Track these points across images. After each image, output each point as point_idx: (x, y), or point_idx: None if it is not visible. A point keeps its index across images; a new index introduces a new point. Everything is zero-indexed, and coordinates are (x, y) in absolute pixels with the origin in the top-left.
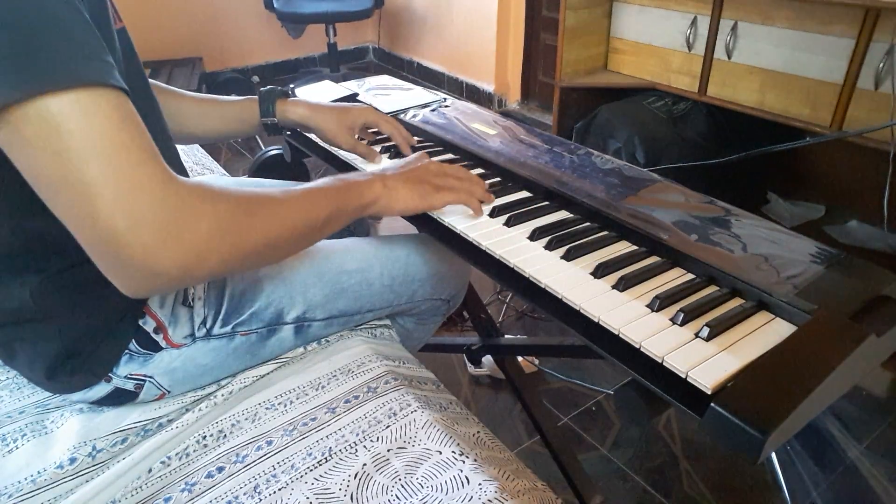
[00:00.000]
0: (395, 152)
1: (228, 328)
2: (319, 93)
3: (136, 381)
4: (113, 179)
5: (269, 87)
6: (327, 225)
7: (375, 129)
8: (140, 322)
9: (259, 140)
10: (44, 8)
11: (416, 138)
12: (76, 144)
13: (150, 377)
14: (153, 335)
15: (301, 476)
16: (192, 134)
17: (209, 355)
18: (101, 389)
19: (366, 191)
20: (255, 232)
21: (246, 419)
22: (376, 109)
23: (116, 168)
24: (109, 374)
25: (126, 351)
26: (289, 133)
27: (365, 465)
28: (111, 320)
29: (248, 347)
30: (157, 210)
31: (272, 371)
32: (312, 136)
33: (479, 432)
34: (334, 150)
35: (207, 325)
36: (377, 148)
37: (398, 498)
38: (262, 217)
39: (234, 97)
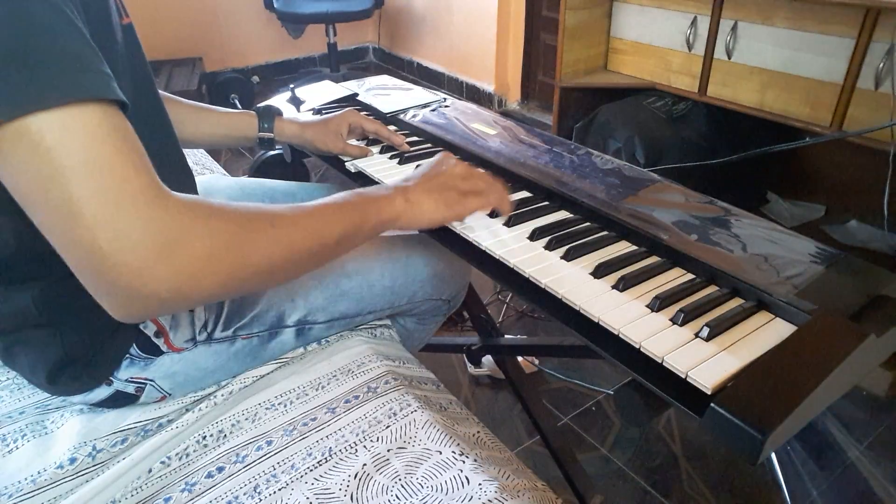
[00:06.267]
0: (388, 147)
1: (230, 332)
2: (319, 93)
3: (136, 385)
4: (95, 198)
5: (265, 104)
6: (340, 245)
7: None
8: (141, 326)
9: None
10: (33, 20)
11: (415, 138)
12: (56, 163)
13: (151, 380)
14: (154, 339)
15: (301, 476)
16: (185, 140)
17: (210, 359)
18: (102, 392)
19: (385, 207)
20: (258, 252)
21: (246, 419)
22: (358, 111)
23: (99, 185)
24: (110, 378)
25: (127, 355)
26: (278, 147)
27: (365, 465)
28: (112, 325)
29: (249, 351)
30: (145, 229)
31: (272, 371)
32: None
33: (479, 432)
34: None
35: (209, 329)
36: (375, 149)
37: (398, 498)
38: (266, 236)
39: (230, 109)
